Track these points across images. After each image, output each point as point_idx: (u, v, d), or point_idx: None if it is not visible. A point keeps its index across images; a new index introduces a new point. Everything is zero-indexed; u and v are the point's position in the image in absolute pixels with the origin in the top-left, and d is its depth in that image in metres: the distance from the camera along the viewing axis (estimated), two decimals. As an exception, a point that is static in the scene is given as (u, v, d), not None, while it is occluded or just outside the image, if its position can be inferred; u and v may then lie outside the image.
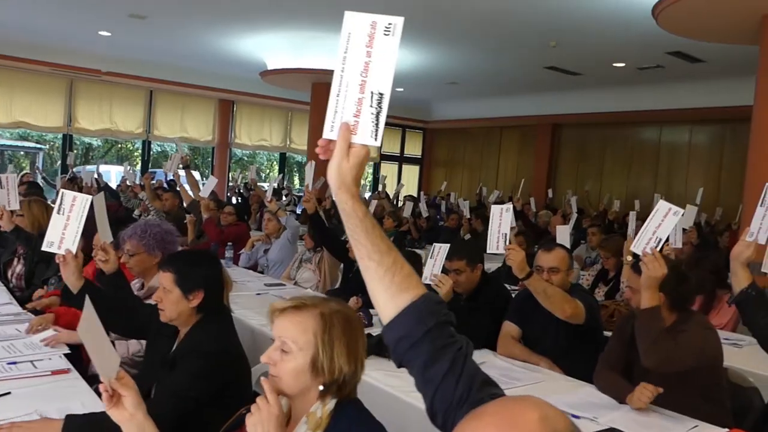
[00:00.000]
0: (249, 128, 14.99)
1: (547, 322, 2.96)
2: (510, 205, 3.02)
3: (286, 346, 1.47)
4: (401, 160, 18.36)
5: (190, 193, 6.72)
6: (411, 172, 18.68)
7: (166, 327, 2.26)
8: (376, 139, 1.10)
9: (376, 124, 1.10)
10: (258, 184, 11.83)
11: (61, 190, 2.32)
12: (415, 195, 16.43)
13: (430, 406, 1.19)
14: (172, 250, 2.90)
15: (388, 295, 1.18)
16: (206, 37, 10.10)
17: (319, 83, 11.37)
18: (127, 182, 8.19)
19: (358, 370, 1.53)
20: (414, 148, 18.61)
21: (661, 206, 2.46)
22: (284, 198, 10.93)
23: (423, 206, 8.67)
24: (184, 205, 6.74)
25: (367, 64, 1.09)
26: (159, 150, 22.73)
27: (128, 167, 8.73)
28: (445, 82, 13.30)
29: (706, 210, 10.18)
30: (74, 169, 10.43)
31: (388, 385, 2.55)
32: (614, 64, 10.45)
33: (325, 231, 4.58)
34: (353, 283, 4.32)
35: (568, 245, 5.18)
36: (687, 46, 8.82)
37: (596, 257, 6.98)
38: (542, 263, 3.07)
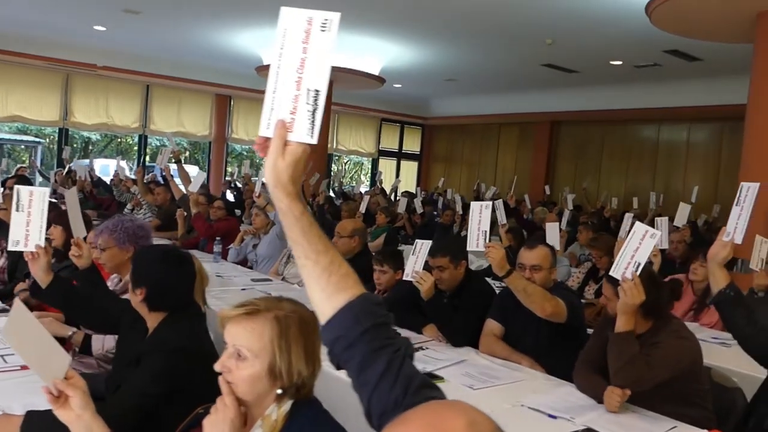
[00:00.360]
0: (246, 123, 14.95)
1: (528, 321, 2.92)
2: (490, 203, 2.98)
3: (241, 354, 1.42)
4: (400, 156, 18.31)
5: (182, 187, 6.69)
6: (409, 168, 18.65)
7: (140, 322, 2.22)
8: (312, 137, 1.07)
9: (312, 122, 1.07)
10: (253, 178, 11.81)
11: (16, 186, 2.28)
12: (414, 191, 16.42)
13: (366, 409, 1.15)
14: (145, 244, 2.86)
15: (325, 295, 1.15)
16: (201, 32, 10.06)
17: (316, 78, 11.32)
18: (120, 176, 8.14)
19: (316, 370, 1.49)
20: (413, 144, 18.56)
21: (638, 229, 2.40)
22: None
23: (417, 202, 8.63)
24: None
25: (303, 61, 1.06)
26: (158, 144, 22.85)
27: (120, 161, 8.68)
28: (444, 79, 13.26)
29: (704, 208, 10.15)
30: (71, 164, 10.42)
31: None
32: (611, 62, 10.40)
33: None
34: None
35: (557, 242, 5.18)
36: (684, 44, 8.78)
37: (590, 254, 6.94)
38: (524, 261, 3.03)
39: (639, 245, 2.37)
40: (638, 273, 2.35)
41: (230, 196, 10.53)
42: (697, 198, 8.82)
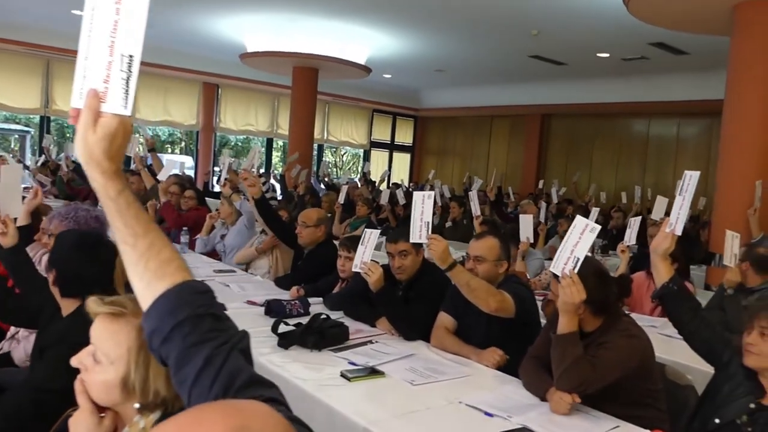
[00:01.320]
0: (234, 112, 14.81)
1: (479, 314, 2.82)
2: (432, 193, 2.89)
3: (96, 357, 1.30)
4: (392, 147, 18.19)
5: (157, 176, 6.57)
6: (402, 160, 18.53)
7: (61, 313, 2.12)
8: (126, 107, 0.97)
9: (126, 91, 0.97)
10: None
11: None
12: (406, 183, 16.33)
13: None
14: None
15: (144, 283, 1.05)
16: (184, 17, 9.91)
17: (301, 67, 11.21)
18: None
19: None
20: (405, 136, 18.44)
21: (578, 222, 2.30)
22: (262, 185, 10.76)
23: (400, 193, 8.52)
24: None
25: (116, 23, 0.96)
26: (151, 134, 22.70)
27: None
28: (433, 70, 13.15)
29: (693, 203, 10.03)
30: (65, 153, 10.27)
31: (299, 378, 2.42)
32: (598, 54, 10.30)
33: (272, 216, 4.44)
34: (302, 271, 4.20)
35: (531, 235, 5.09)
36: (669, 37, 8.69)
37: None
38: (469, 251, 2.95)
39: (579, 240, 2.27)
40: (576, 269, 2.25)
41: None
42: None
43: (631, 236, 4.47)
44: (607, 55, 10.28)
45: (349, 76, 11.97)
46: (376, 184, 11.72)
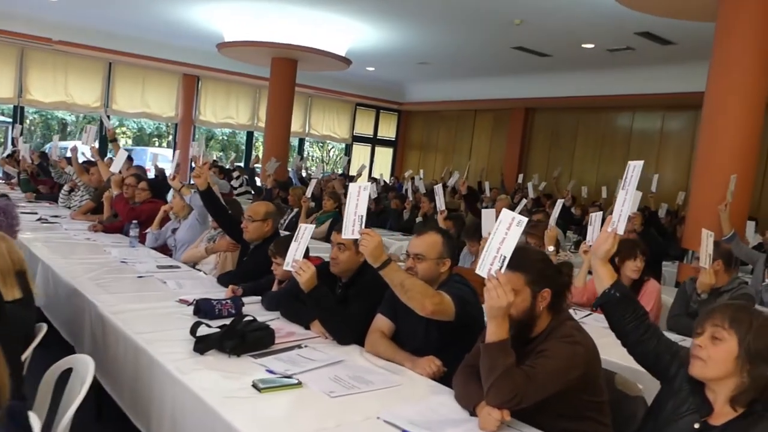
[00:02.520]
0: (214, 105, 14.54)
1: (418, 318, 2.58)
2: (368, 184, 2.65)
3: None
4: (374, 142, 17.94)
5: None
6: (385, 155, 18.29)
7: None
8: None
9: None
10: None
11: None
12: (387, 177, 16.08)
13: None
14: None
15: None
16: (160, 4, 9.61)
17: (279, 58, 10.95)
18: (54, 157, 7.74)
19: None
20: (388, 130, 18.20)
21: (504, 216, 2.06)
22: (235, 179, 10.51)
23: (373, 188, 8.28)
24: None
25: None
26: (136, 127, 22.35)
27: (57, 140, 8.24)
28: (417, 62, 12.92)
29: (670, 199, 9.86)
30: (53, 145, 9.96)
31: (203, 388, 2.18)
32: (583, 45, 10.08)
33: (218, 208, 4.20)
34: (245, 268, 3.96)
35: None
36: (655, 26, 8.49)
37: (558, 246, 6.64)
38: (409, 248, 2.72)
39: (505, 235, 2.04)
40: (503, 269, 2.02)
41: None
42: (659, 187, 8.48)
43: (593, 234, 4.21)
44: (592, 45, 10.06)
45: (330, 68, 11.71)
46: (354, 179, 11.48)
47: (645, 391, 2.48)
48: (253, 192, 9.82)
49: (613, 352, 2.62)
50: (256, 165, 9.46)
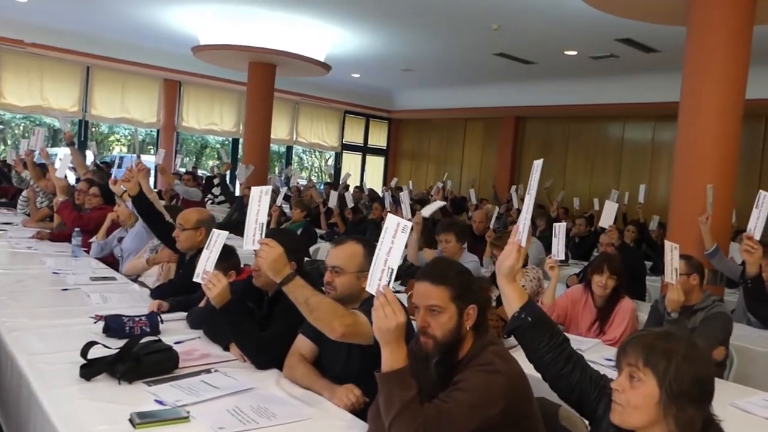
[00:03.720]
0: (197, 111, 14.25)
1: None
2: (269, 188, 2.34)
3: None
4: (365, 150, 17.65)
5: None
6: (376, 164, 18.01)
7: None
8: None
9: None
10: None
11: None
12: (379, 187, 15.79)
13: None
14: None
15: None
16: (136, 6, 9.34)
17: (257, 62, 10.67)
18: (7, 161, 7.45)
19: None
20: (378, 139, 17.93)
21: (389, 222, 1.77)
22: (216, 187, 10.20)
23: (349, 196, 7.99)
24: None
25: None
26: (127, 133, 22.02)
27: (23, 144, 7.93)
28: (400, 69, 12.66)
29: (663, 211, 9.56)
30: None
31: (68, 423, 1.87)
32: (566, 52, 9.86)
33: (153, 216, 3.89)
34: (178, 281, 3.65)
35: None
36: (636, 33, 8.31)
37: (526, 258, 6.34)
38: (327, 260, 2.42)
39: (392, 245, 1.75)
40: (390, 284, 1.73)
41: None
42: (651, 199, 8.20)
43: (558, 246, 3.90)
44: (575, 53, 9.83)
45: (309, 74, 11.43)
46: (340, 187, 11.19)
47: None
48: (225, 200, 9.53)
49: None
50: (228, 172, 9.16)
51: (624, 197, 10.33)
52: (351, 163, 17.34)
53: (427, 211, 4.92)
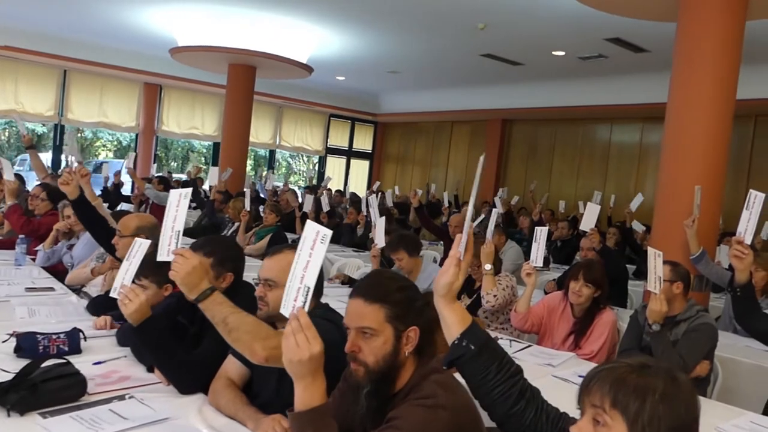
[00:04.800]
0: (178, 115, 13.95)
1: (270, 362, 1.99)
2: (189, 191, 2.05)
3: None
4: (350, 154, 17.37)
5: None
6: (361, 168, 17.73)
7: None
8: None
9: None
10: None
11: None
12: (364, 191, 15.50)
13: None
14: None
15: None
16: (106, 7, 9.05)
17: (237, 64, 10.39)
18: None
19: None
20: (364, 142, 17.65)
21: (308, 230, 1.51)
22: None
23: (324, 200, 7.70)
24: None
25: None
26: (110, 138, 21.72)
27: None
28: (386, 71, 12.39)
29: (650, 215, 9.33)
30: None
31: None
32: (554, 53, 9.60)
33: (93, 221, 3.60)
34: (118, 292, 3.35)
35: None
36: (625, 32, 8.07)
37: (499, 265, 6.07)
38: (260, 272, 2.14)
39: (309, 258, 1.47)
40: (306, 306, 1.45)
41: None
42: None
43: (537, 252, 3.62)
44: (563, 53, 9.58)
45: (291, 76, 11.15)
46: (320, 191, 10.90)
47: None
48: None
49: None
50: (197, 176, 8.83)
51: (610, 200, 10.10)
52: (336, 166, 17.07)
53: (379, 239, 4.56)
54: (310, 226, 1.49)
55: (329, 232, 1.47)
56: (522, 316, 3.69)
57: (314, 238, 1.47)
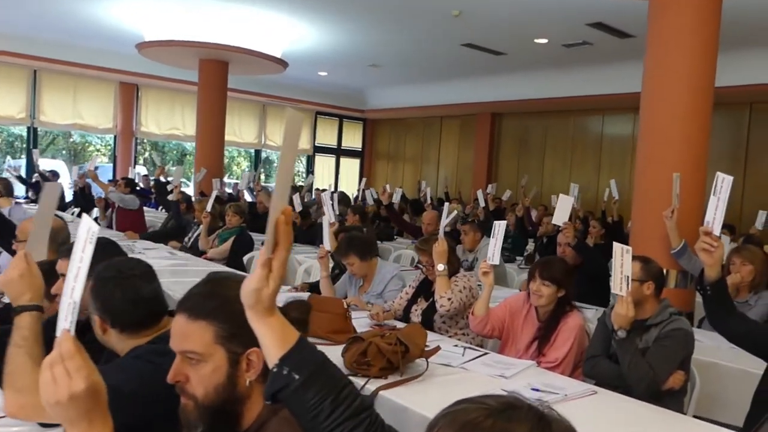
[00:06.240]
0: (157, 115, 13.57)
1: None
2: (96, 229, 1.67)
3: None
4: (339, 152, 16.99)
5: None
6: (350, 166, 17.35)
7: None
8: None
9: None
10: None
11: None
12: (356, 191, 15.11)
13: None
14: None
15: None
16: (71, 3, 8.68)
17: (208, 60, 10.01)
18: None
19: None
20: (353, 140, 17.27)
21: (80, 230, 1.11)
22: (170, 194, 9.50)
23: (296, 199, 7.30)
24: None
25: None
26: (80, 140, 21.19)
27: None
28: (367, 65, 12.01)
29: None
30: None
31: None
32: (536, 41, 9.22)
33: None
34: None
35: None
36: (606, 16, 7.71)
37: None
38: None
39: (80, 265, 1.09)
40: (71, 328, 1.07)
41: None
42: (622, 193, 7.57)
43: (494, 248, 3.24)
44: (545, 41, 9.19)
45: (265, 71, 10.78)
46: (303, 191, 10.52)
47: None
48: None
49: None
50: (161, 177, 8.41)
51: (604, 194, 9.71)
52: (324, 166, 16.70)
53: (328, 245, 4.10)
54: (84, 222, 1.10)
55: (96, 229, 1.08)
56: (480, 319, 3.30)
57: (85, 237, 1.08)
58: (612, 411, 2.44)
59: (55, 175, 10.04)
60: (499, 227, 3.36)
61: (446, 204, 4.51)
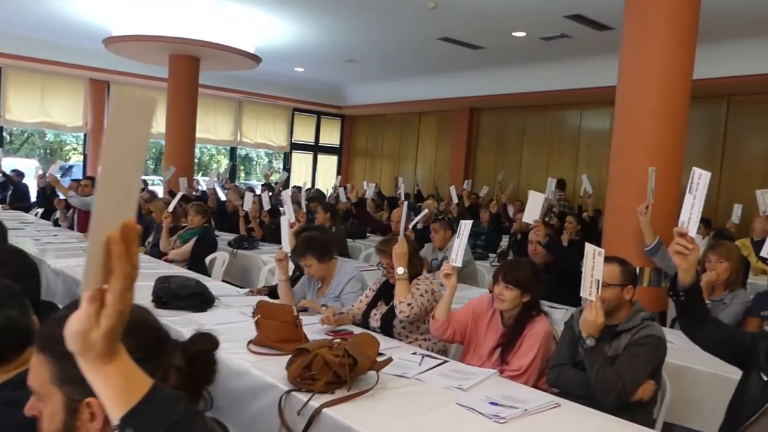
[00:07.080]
0: (130, 113, 13.22)
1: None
2: None
3: None
4: (316, 149, 16.75)
5: None
6: (328, 163, 17.10)
7: None
8: None
9: None
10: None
11: None
12: (332, 188, 14.90)
13: None
14: None
15: None
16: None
17: (178, 55, 9.74)
18: None
19: None
20: (331, 137, 17.03)
21: None
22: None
23: (265, 197, 7.09)
24: None
25: None
26: (54, 139, 20.85)
27: None
28: (343, 60, 11.78)
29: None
30: None
31: None
32: (514, 34, 9.03)
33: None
34: None
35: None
36: (584, 7, 7.54)
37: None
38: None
39: None
40: None
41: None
42: (596, 188, 7.44)
43: (458, 249, 3.04)
44: (523, 34, 9.01)
45: (238, 67, 10.52)
46: (275, 189, 10.28)
47: None
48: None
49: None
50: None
51: (581, 190, 9.58)
52: (302, 163, 16.45)
53: (287, 246, 3.83)
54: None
55: None
56: (441, 323, 3.10)
57: None
58: (576, 425, 2.25)
59: (19, 174, 9.74)
60: (465, 227, 3.17)
61: (406, 203, 4.32)
